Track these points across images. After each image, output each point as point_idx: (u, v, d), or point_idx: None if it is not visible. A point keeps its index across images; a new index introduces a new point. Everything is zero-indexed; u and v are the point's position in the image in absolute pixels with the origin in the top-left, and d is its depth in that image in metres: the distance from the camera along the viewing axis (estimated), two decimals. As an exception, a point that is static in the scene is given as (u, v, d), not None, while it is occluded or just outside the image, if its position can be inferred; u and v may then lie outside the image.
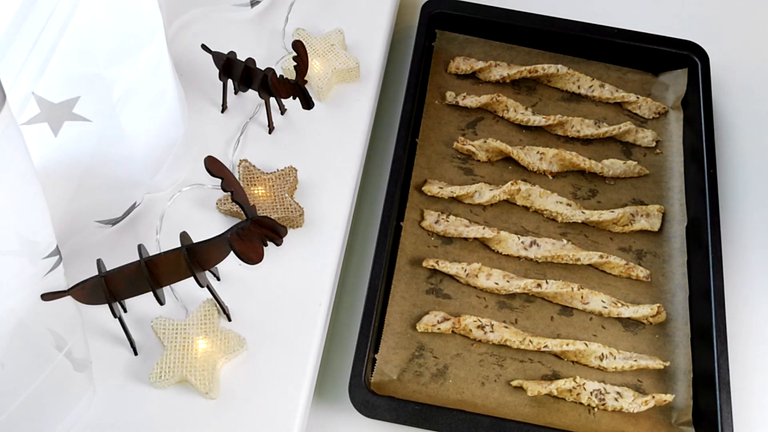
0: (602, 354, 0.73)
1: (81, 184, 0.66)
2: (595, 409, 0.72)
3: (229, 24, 0.88)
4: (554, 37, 0.91)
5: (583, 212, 0.81)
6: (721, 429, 0.68)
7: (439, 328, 0.74)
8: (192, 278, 0.61)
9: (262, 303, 0.72)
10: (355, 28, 0.88)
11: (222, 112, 0.82)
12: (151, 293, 0.62)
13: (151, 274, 0.60)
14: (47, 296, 0.55)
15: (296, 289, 0.73)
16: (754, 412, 0.74)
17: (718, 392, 0.70)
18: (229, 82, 0.79)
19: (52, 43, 0.56)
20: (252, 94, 0.81)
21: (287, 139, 0.81)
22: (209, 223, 0.75)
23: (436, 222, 0.80)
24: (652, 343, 0.76)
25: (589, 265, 0.79)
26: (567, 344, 0.73)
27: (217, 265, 0.64)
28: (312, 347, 0.70)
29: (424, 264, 0.77)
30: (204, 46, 0.80)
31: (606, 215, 0.80)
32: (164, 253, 0.60)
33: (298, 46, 0.73)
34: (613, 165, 0.84)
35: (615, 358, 0.74)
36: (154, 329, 0.68)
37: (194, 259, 0.60)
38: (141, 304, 0.69)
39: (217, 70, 0.78)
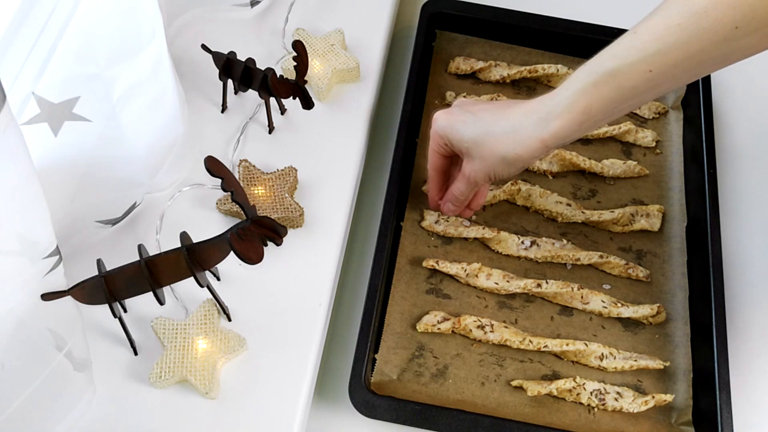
0: (602, 354, 0.73)
1: (81, 184, 0.66)
2: (595, 409, 0.72)
3: (229, 24, 0.88)
4: (554, 37, 0.91)
5: (583, 212, 0.81)
6: (721, 429, 0.68)
7: (439, 328, 0.74)
8: (192, 278, 0.61)
9: (262, 303, 0.72)
10: (355, 28, 0.88)
11: (222, 112, 0.82)
12: (151, 293, 0.62)
13: (151, 274, 0.60)
14: (47, 296, 0.55)
15: (296, 289, 0.73)
16: (754, 412, 0.74)
17: (718, 392, 0.70)
18: (229, 82, 0.79)
19: (52, 43, 0.56)
20: (252, 94, 0.81)
21: (287, 139, 0.81)
22: (209, 223, 0.75)
23: (436, 222, 0.80)
24: (652, 343, 0.76)
25: (589, 265, 0.79)
26: (567, 344, 0.73)
27: (217, 265, 0.64)
28: (312, 347, 0.70)
29: (424, 264, 0.77)
30: (204, 46, 0.80)
31: (606, 215, 0.80)
32: (164, 253, 0.60)
33: (298, 46, 0.73)
34: (613, 165, 0.84)
35: (615, 358, 0.74)
36: (154, 329, 0.68)
37: (194, 259, 0.60)
38: (141, 304, 0.69)
39: (217, 70, 0.78)
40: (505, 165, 0.66)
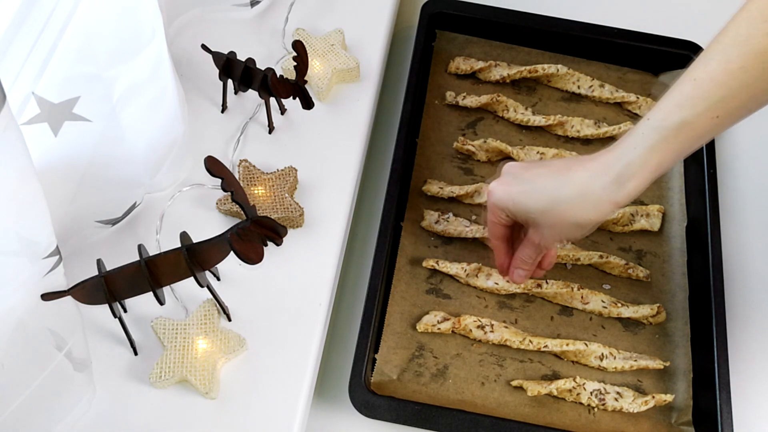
0: (602, 354, 0.73)
1: (81, 184, 0.66)
2: (595, 409, 0.72)
3: (229, 24, 0.88)
4: (554, 37, 0.91)
5: (583, 212, 0.81)
6: (721, 429, 0.68)
7: (439, 328, 0.74)
8: (192, 278, 0.61)
9: (262, 303, 0.72)
10: (355, 28, 0.88)
11: (222, 112, 0.82)
12: (151, 293, 0.62)
13: (151, 274, 0.60)
14: (47, 296, 0.55)
15: (296, 289, 0.73)
16: (754, 412, 0.74)
17: (718, 392, 0.70)
18: (229, 82, 0.79)
19: (52, 43, 0.56)
20: (252, 94, 0.81)
21: (287, 139, 0.81)
22: (209, 223, 0.75)
23: (436, 222, 0.80)
24: (652, 343, 0.76)
25: (589, 265, 0.79)
26: (567, 344, 0.73)
27: (217, 265, 0.64)
28: (312, 347, 0.70)
29: (424, 264, 0.77)
30: (204, 46, 0.80)
31: (606, 215, 0.80)
32: (164, 253, 0.60)
33: (298, 46, 0.73)
34: (613, 165, 0.84)
35: (615, 358, 0.74)
36: (154, 329, 0.68)
37: (194, 259, 0.60)
38: (141, 304, 0.69)
39: (217, 70, 0.78)
40: (577, 229, 0.64)
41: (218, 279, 0.72)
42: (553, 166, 0.66)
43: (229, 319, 0.71)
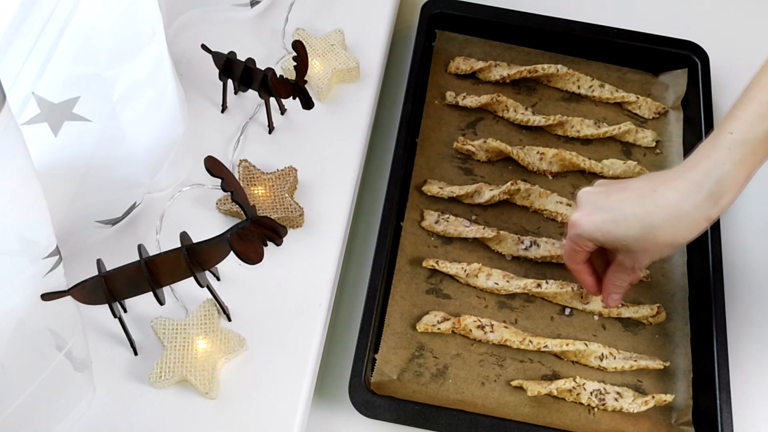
0: (602, 354, 0.73)
1: (81, 184, 0.66)
2: (595, 409, 0.72)
3: (229, 24, 0.88)
4: (554, 37, 0.91)
5: (583, 212, 0.81)
6: (721, 429, 0.68)
7: (439, 328, 0.74)
8: (192, 278, 0.61)
9: (262, 303, 0.72)
10: (355, 28, 0.88)
11: (222, 112, 0.82)
12: (151, 293, 0.62)
13: (151, 274, 0.60)
14: (47, 296, 0.55)
15: (296, 289, 0.73)
16: (754, 412, 0.74)
17: (718, 392, 0.70)
18: (229, 82, 0.79)
19: (52, 43, 0.56)
20: (252, 94, 0.81)
21: (287, 139, 0.81)
22: (209, 223, 0.75)
23: (436, 222, 0.80)
24: (652, 343, 0.76)
25: (589, 265, 0.79)
26: (567, 344, 0.73)
27: (217, 265, 0.64)
28: (312, 347, 0.70)
29: (424, 264, 0.77)
30: (204, 46, 0.80)
31: (606, 215, 0.80)
32: (164, 253, 0.60)
33: (298, 46, 0.73)
34: (613, 165, 0.84)
35: (615, 358, 0.74)
36: (154, 329, 0.68)
37: (194, 259, 0.60)
38: (141, 304, 0.69)
39: (217, 70, 0.78)
40: (672, 249, 0.66)
41: (218, 279, 0.72)
42: (634, 189, 0.65)
43: (229, 319, 0.71)
